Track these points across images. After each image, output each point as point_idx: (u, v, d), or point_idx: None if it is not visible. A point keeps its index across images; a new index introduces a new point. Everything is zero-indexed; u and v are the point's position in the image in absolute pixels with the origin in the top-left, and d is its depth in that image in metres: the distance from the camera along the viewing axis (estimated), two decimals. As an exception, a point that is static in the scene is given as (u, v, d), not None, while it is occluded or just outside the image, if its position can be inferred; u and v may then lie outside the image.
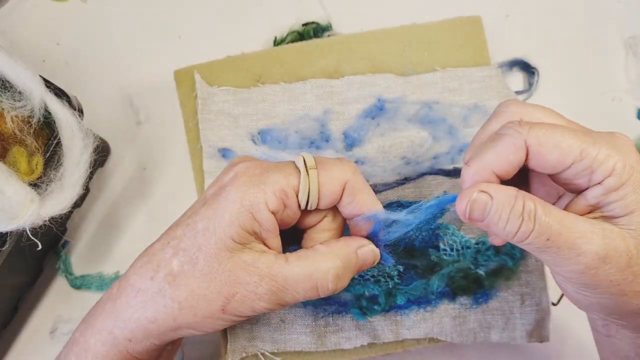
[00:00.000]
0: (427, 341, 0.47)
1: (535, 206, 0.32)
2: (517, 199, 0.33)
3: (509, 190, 0.33)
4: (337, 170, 0.36)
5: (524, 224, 0.32)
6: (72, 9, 0.56)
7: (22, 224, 0.40)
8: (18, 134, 0.43)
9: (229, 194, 0.35)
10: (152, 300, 0.36)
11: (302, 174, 0.35)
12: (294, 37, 0.54)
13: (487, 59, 0.52)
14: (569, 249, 0.32)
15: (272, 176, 0.35)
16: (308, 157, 0.36)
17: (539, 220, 0.32)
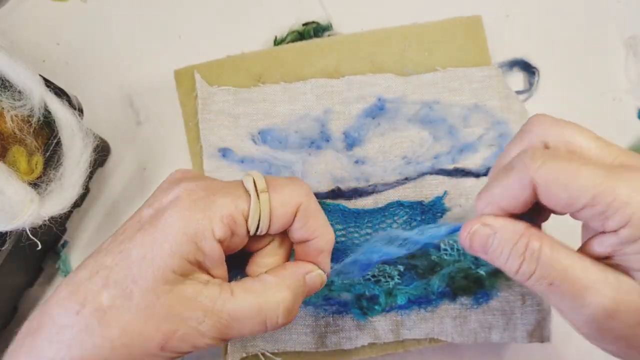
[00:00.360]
0: (428, 341, 0.47)
1: (540, 247, 0.30)
2: (522, 236, 0.31)
3: (517, 226, 0.31)
4: (290, 193, 0.34)
5: (525, 264, 0.31)
6: (72, 8, 0.56)
7: (21, 224, 0.40)
8: (18, 133, 0.43)
9: (170, 220, 0.31)
10: (78, 339, 0.31)
11: (252, 198, 0.33)
12: (294, 36, 0.54)
13: (487, 58, 0.52)
14: (573, 298, 0.30)
15: (219, 200, 0.32)
16: (258, 178, 0.34)
17: (542, 262, 0.30)
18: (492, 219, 0.32)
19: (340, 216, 0.49)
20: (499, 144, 0.50)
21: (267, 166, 0.50)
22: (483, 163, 0.49)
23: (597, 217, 0.29)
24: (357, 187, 0.49)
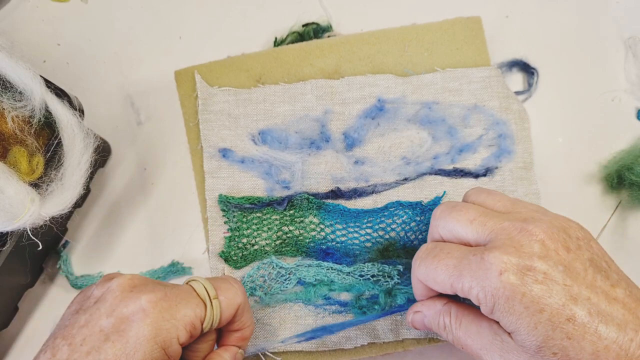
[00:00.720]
0: (427, 341, 0.47)
1: (450, 322, 0.39)
2: (440, 314, 0.40)
3: (437, 306, 0.41)
4: (233, 296, 0.39)
5: (445, 334, 0.40)
6: (73, 9, 0.56)
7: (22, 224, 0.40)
8: (19, 134, 0.43)
9: (141, 331, 0.35)
10: None
11: (208, 306, 0.38)
12: (294, 37, 0.54)
13: (486, 59, 0.52)
14: (476, 357, 0.38)
15: (182, 310, 0.36)
16: (207, 285, 0.38)
17: (453, 334, 0.39)
18: (419, 305, 0.42)
19: (340, 216, 0.49)
20: (498, 144, 0.50)
21: (267, 166, 0.50)
22: (482, 163, 0.50)
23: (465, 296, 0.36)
24: (357, 188, 0.49)
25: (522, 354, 0.35)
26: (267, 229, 0.49)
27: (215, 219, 0.49)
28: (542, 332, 0.33)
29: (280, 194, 0.49)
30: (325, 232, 0.49)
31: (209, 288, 0.38)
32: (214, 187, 0.49)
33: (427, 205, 0.49)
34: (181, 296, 0.37)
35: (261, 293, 0.48)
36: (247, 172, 0.50)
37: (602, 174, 0.52)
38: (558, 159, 0.52)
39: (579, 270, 0.34)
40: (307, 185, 0.49)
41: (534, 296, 0.33)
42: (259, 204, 0.49)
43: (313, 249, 0.49)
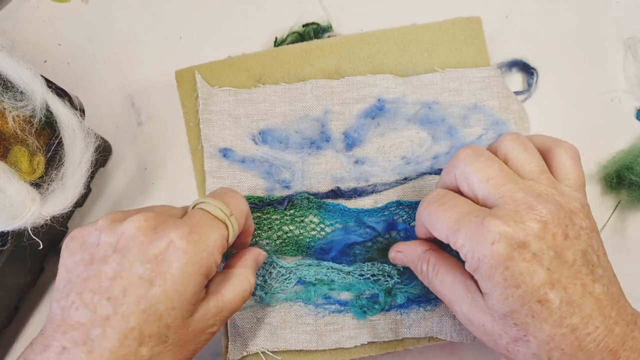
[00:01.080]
0: (427, 340, 0.48)
1: (427, 269, 0.42)
2: (420, 260, 0.43)
3: (417, 249, 0.43)
4: (242, 206, 0.41)
5: (422, 279, 0.43)
6: (74, 9, 0.56)
7: (23, 224, 0.40)
8: (19, 133, 0.43)
9: (185, 268, 0.35)
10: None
11: (229, 225, 0.38)
12: (294, 37, 0.54)
13: (486, 59, 0.52)
14: (449, 306, 0.40)
15: (211, 237, 0.37)
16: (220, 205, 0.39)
17: (428, 280, 0.42)
18: (402, 246, 0.45)
19: (340, 216, 0.49)
20: (498, 144, 0.50)
21: (268, 166, 0.50)
22: (482, 163, 0.50)
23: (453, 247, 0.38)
24: (357, 187, 0.49)
25: (488, 315, 0.37)
26: (267, 228, 0.49)
27: (215, 219, 0.49)
28: (511, 304, 0.35)
29: (281, 194, 0.49)
30: (325, 232, 0.49)
31: (223, 208, 0.38)
32: (214, 186, 0.50)
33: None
34: (203, 223, 0.37)
35: (261, 292, 0.48)
36: (248, 171, 0.50)
37: (602, 173, 0.52)
38: (558, 158, 0.53)
39: (568, 258, 0.35)
40: (307, 184, 0.50)
41: (515, 272, 0.35)
42: (260, 203, 0.49)
43: (313, 249, 0.49)
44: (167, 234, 0.35)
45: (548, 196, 0.36)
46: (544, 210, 0.35)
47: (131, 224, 0.36)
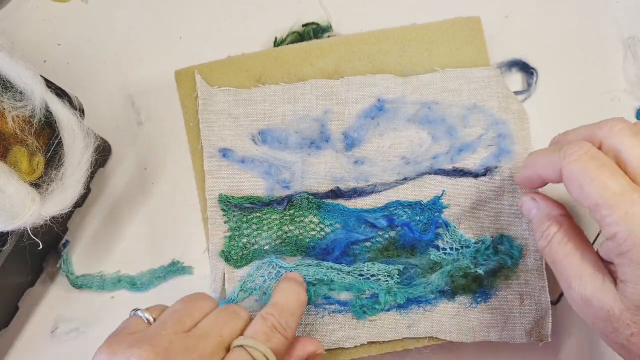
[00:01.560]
0: (427, 340, 0.48)
1: (554, 234, 0.39)
2: (548, 220, 0.40)
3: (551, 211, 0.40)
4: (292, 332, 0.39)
5: (541, 241, 0.40)
6: (74, 9, 0.56)
7: (23, 224, 0.40)
8: (19, 134, 0.43)
9: None
10: None
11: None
12: (294, 37, 0.54)
13: (486, 59, 0.52)
14: (564, 280, 0.38)
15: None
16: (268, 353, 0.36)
17: (551, 246, 0.39)
18: (540, 196, 0.42)
19: (340, 216, 0.49)
20: (498, 144, 0.50)
21: (268, 166, 0.50)
22: (482, 163, 0.50)
23: (597, 221, 0.35)
24: (357, 188, 0.49)
25: (618, 302, 0.35)
26: (267, 228, 0.49)
27: (215, 219, 0.49)
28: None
29: (281, 194, 0.49)
30: (325, 232, 0.49)
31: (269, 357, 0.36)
32: (214, 187, 0.50)
33: (427, 204, 0.49)
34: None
35: (261, 293, 0.48)
36: (248, 172, 0.50)
37: (602, 173, 0.52)
38: (558, 158, 0.53)
39: None
40: (307, 185, 0.49)
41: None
42: (259, 203, 0.49)
43: (313, 249, 0.49)
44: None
45: None
46: None
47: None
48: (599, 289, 0.36)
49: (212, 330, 0.37)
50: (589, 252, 0.38)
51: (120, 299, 0.51)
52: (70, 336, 0.51)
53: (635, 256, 0.33)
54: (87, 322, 0.51)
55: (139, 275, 0.51)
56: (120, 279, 0.51)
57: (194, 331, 0.37)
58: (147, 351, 0.34)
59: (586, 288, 0.36)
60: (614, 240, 0.34)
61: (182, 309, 0.39)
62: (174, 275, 0.51)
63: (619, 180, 0.35)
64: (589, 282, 0.36)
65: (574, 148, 0.36)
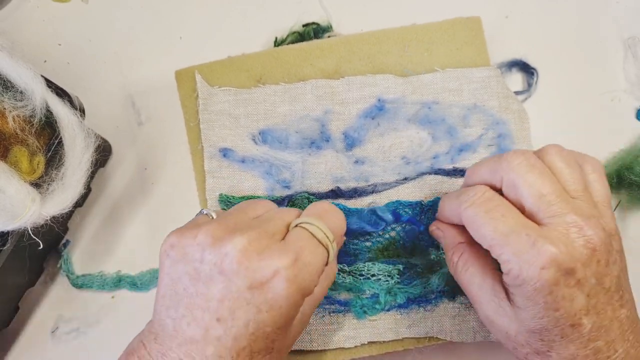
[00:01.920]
0: (427, 340, 0.48)
1: (458, 261, 0.42)
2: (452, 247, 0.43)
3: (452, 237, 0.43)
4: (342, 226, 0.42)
5: (450, 266, 0.43)
6: (74, 9, 0.56)
7: (23, 223, 0.40)
8: (19, 133, 0.43)
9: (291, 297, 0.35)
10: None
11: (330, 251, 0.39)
12: (294, 37, 0.54)
13: (486, 59, 0.52)
14: (470, 300, 0.41)
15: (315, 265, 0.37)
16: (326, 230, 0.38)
17: (455, 272, 0.42)
18: (443, 226, 0.44)
19: (340, 216, 0.49)
20: (498, 144, 0.50)
21: (268, 166, 0.50)
22: (482, 163, 0.50)
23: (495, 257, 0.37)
24: (357, 187, 0.49)
25: (514, 324, 0.38)
26: (267, 228, 0.49)
27: (215, 219, 0.49)
28: (544, 323, 0.36)
29: (281, 194, 0.49)
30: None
31: (327, 233, 0.38)
32: (214, 186, 0.50)
33: (427, 204, 0.49)
34: (307, 249, 0.37)
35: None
36: (248, 171, 0.50)
37: (602, 173, 0.52)
38: (558, 158, 0.53)
39: (606, 285, 0.36)
40: (308, 184, 0.50)
41: (558, 297, 0.35)
42: (259, 203, 0.49)
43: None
44: (272, 262, 0.35)
45: (594, 219, 0.36)
46: (593, 235, 0.35)
47: (234, 246, 0.35)
48: (498, 313, 0.39)
49: (275, 216, 0.40)
50: (488, 276, 0.40)
51: (120, 298, 0.51)
52: (70, 336, 0.51)
53: (525, 290, 0.36)
54: (87, 322, 0.51)
55: (139, 275, 0.51)
56: (120, 279, 0.51)
57: (258, 218, 0.40)
58: (214, 226, 0.36)
59: (487, 310, 0.39)
60: (508, 275, 0.36)
61: (245, 204, 0.41)
62: (174, 275, 0.51)
63: (508, 220, 0.37)
64: (489, 306, 0.39)
65: (469, 194, 0.39)
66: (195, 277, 0.36)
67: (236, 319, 0.35)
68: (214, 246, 0.36)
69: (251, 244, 0.35)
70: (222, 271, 0.35)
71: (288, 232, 0.38)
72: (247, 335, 0.35)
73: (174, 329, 0.35)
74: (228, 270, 0.35)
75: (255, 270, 0.35)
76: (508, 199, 0.38)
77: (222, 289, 0.35)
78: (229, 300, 0.35)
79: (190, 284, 0.36)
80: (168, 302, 0.36)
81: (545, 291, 0.35)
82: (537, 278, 0.35)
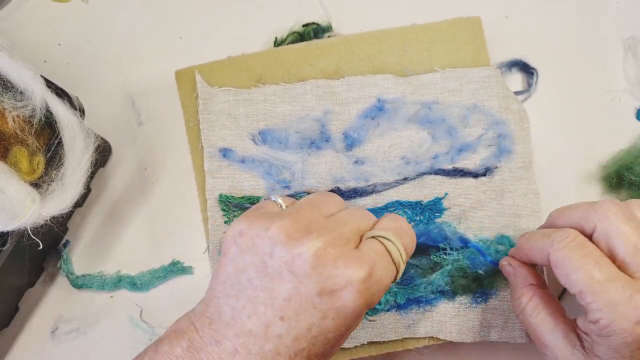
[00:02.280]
0: (427, 340, 0.48)
1: (525, 305, 0.42)
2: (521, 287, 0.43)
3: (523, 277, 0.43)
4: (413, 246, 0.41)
5: (516, 310, 0.43)
6: (74, 9, 0.56)
7: (23, 224, 0.40)
8: (19, 133, 0.43)
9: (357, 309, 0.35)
10: None
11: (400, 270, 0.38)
12: (294, 37, 0.54)
13: (486, 59, 0.52)
14: (537, 344, 0.42)
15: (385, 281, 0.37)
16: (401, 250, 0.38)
17: (523, 315, 0.42)
18: (516, 264, 0.44)
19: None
20: (498, 144, 0.50)
21: (268, 166, 0.50)
22: (482, 163, 0.50)
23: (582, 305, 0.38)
24: (357, 187, 0.49)
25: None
26: (267, 228, 0.49)
27: (215, 219, 0.49)
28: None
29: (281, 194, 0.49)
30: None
31: (402, 253, 0.38)
32: (214, 186, 0.50)
33: (427, 204, 0.49)
34: (381, 265, 0.36)
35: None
36: (248, 171, 0.50)
37: (602, 173, 0.52)
38: (558, 159, 0.53)
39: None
40: (307, 185, 0.49)
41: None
42: (259, 203, 0.49)
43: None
44: (346, 272, 0.35)
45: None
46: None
47: (309, 247, 0.35)
48: (568, 358, 0.39)
49: (350, 220, 0.38)
50: (560, 322, 0.40)
51: (119, 298, 0.51)
52: (70, 336, 0.51)
53: (613, 342, 0.36)
54: (87, 322, 0.51)
55: (139, 275, 0.51)
56: (120, 279, 0.51)
57: (332, 218, 0.38)
58: (288, 222, 0.35)
59: (558, 356, 0.40)
60: (596, 325, 0.37)
61: (317, 199, 0.40)
62: (174, 275, 0.51)
63: (603, 268, 0.37)
64: (559, 352, 0.40)
65: (562, 236, 0.39)
66: (262, 270, 0.35)
67: (300, 321, 0.34)
68: (287, 244, 0.35)
69: (326, 249, 0.35)
70: (292, 271, 0.34)
71: (362, 241, 0.38)
72: (309, 338, 0.34)
73: (232, 318, 0.35)
74: (299, 272, 0.34)
75: (328, 277, 0.34)
76: (597, 245, 0.39)
77: (290, 288, 0.34)
78: (296, 301, 0.34)
79: (256, 276, 0.35)
80: (229, 290, 0.35)
81: (634, 345, 0.35)
82: (630, 332, 0.35)
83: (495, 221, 0.49)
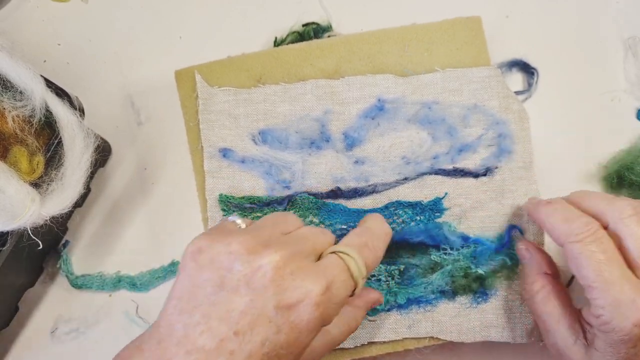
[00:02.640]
0: (427, 340, 0.48)
1: (537, 291, 0.44)
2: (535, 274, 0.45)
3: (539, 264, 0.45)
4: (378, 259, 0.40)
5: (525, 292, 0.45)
6: (73, 9, 0.56)
7: (23, 224, 0.40)
8: (19, 133, 0.43)
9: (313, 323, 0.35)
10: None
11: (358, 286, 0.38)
12: (294, 37, 0.54)
13: (486, 59, 0.52)
14: (542, 328, 0.44)
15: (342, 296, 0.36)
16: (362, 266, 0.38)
17: (532, 300, 0.44)
18: (534, 250, 0.46)
19: (340, 216, 0.49)
20: (498, 144, 0.50)
21: (268, 166, 0.50)
22: (482, 163, 0.50)
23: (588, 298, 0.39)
24: (357, 187, 0.49)
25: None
26: (267, 228, 0.49)
27: (215, 219, 0.49)
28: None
29: (281, 194, 0.49)
30: (325, 232, 0.49)
31: (362, 269, 0.38)
32: (214, 186, 0.50)
33: (427, 204, 0.49)
34: (339, 280, 0.36)
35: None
36: (248, 171, 0.50)
37: (602, 173, 0.52)
38: (558, 158, 0.53)
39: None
40: (308, 185, 0.49)
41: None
42: (260, 203, 0.49)
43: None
44: (304, 285, 0.35)
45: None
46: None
47: (268, 260, 0.35)
48: (570, 348, 0.41)
49: (308, 236, 0.38)
50: (567, 313, 0.42)
51: (119, 298, 0.51)
52: (70, 336, 0.51)
53: (610, 338, 0.38)
54: (86, 322, 0.51)
55: (138, 275, 0.51)
56: (120, 279, 0.51)
57: (291, 234, 0.39)
58: (249, 238, 0.36)
59: (560, 343, 0.41)
60: (597, 320, 0.39)
61: (276, 218, 0.40)
62: (174, 275, 0.51)
63: (614, 268, 0.39)
64: (563, 340, 0.41)
65: (581, 228, 0.40)
66: (219, 285, 0.34)
67: (254, 335, 0.33)
68: (247, 258, 0.35)
69: (286, 262, 0.35)
70: (250, 284, 0.34)
71: (322, 256, 0.38)
72: (261, 354, 0.33)
73: (184, 336, 0.34)
74: (258, 285, 0.34)
75: (286, 289, 0.34)
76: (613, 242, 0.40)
77: (247, 302, 0.34)
78: (252, 315, 0.34)
79: (213, 291, 0.34)
80: (184, 306, 0.35)
81: (630, 343, 0.37)
82: (628, 332, 0.37)
83: (496, 221, 0.49)
